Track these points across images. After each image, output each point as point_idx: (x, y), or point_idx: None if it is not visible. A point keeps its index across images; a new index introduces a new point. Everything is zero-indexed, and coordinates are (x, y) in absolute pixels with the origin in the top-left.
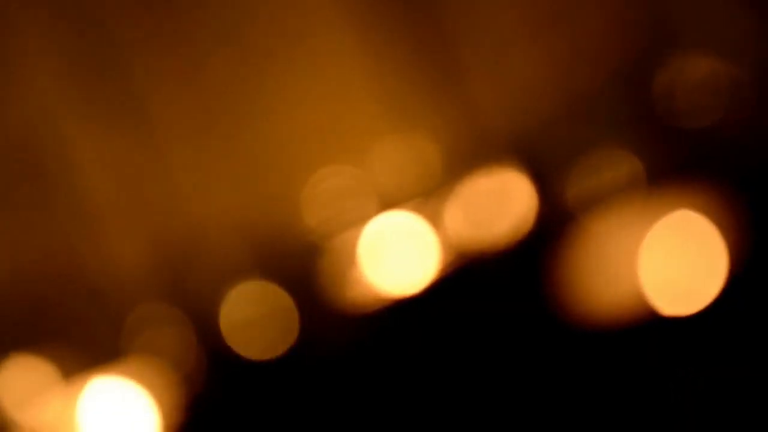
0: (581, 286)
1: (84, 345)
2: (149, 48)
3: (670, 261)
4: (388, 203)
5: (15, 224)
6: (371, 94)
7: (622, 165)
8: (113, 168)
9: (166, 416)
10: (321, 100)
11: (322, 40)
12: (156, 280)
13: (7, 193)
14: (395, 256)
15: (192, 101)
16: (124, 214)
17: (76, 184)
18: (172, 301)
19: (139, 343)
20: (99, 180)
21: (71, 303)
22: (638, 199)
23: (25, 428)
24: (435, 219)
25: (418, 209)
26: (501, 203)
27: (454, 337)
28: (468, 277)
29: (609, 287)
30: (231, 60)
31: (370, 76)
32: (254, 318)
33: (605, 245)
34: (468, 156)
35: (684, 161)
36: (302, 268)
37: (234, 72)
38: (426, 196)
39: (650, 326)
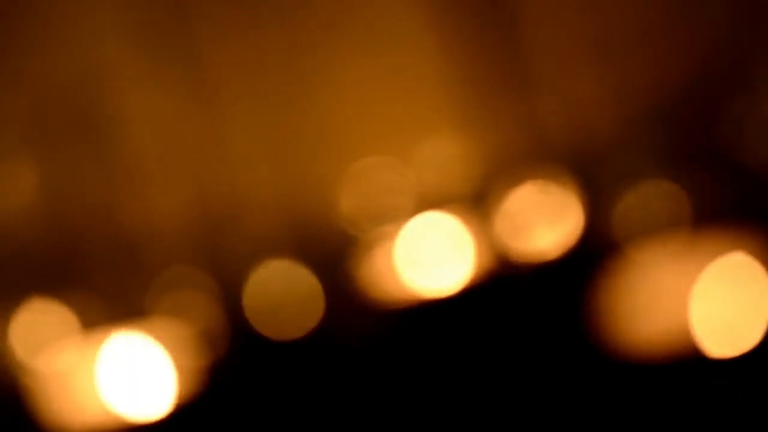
0: (619, 314)
1: (111, 297)
2: (214, 15)
3: (720, 302)
4: (429, 202)
5: (61, 169)
6: (431, 89)
7: (673, 197)
8: (164, 127)
9: (184, 379)
10: (379, 88)
11: (391, 28)
12: (190, 244)
13: (59, 139)
14: (430, 256)
15: (250, 73)
16: (168, 175)
17: (125, 139)
18: (203, 267)
19: (165, 303)
20: (148, 137)
21: (104, 254)
22: (687, 234)
23: (40, 373)
24: (476, 224)
25: (460, 212)
26: (547, 217)
27: (477, 345)
28: (502, 287)
29: (652, 321)
30: (294, 35)
31: (433, 71)
32: (280, 297)
33: (651, 278)
34: (518, 165)
35: (737, 200)
36: (335, 255)
37: (296, 48)
38: (470, 199)
39: (692, 364)
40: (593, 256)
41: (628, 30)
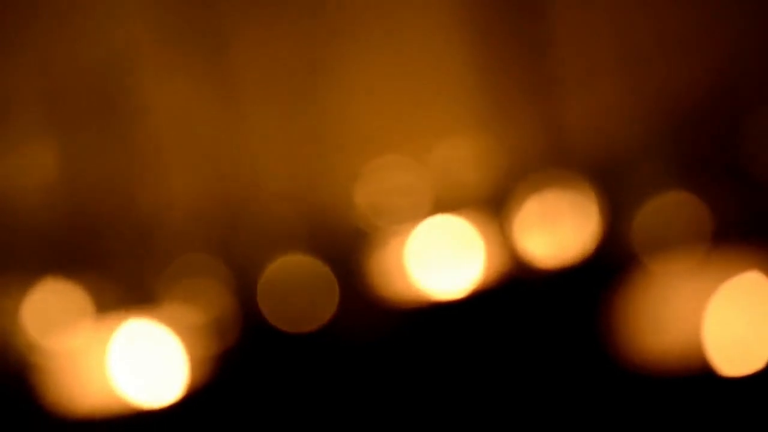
0: (632, 324)
1: (125, 281)
2: (240, 7)
3: (733, 320)
4: (445, 204)
5: (82, 152)
6: (453, 90)
7: (692, 210)
8: (185, 115)
9: (193, 367)
10: (401, 87)
11: (416, 28)
12: (206, 232)
13: (82, 122)
14: (441, 258)
15: (273, 67)
16: (187, 163)
17: (146, 125)
18: (218, 255)
19: (178, 290)
20: (169, 124)
21: (120, 238)
22: (705, 248)
23: (51, 352)
24: (491, 228)
25: (475, 215)
26: (564, 224)
27: (485, 349)
28: (513, 293)
29: (665, 333)
30: (318, 31)
31: (456, 73)
32: (294, 289)
33: (666, 291)
34: (537, 170)
35: (756, 215)
36: (348, 251)
37: (319, 44)
38: (486, 203)
39: (702, 380)
40: (609, 265)
41: (653, 41)
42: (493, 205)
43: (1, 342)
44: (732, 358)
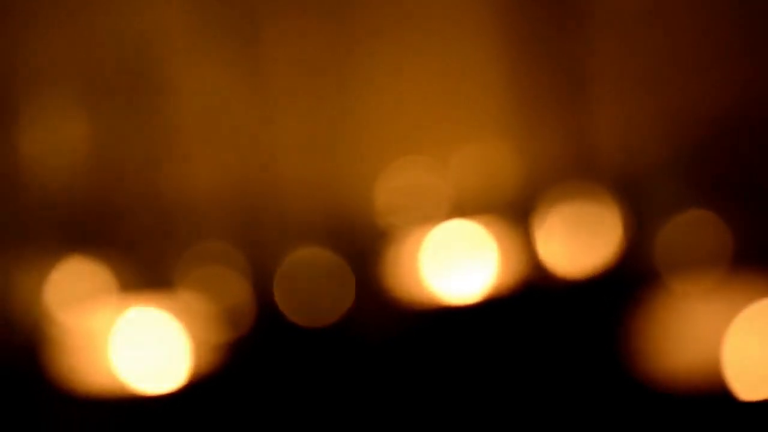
0: (649, 341)
1: (141, 264)
2: None
3: (753, 345)
4: (465, 208)
5: (109, 131)
6: (482, 94)
7: (716, 231)
8: (214, 102)
9: (203, 354)
10: (429, 88)
11: (448, 30)
12: (226, 220)
13: (111, 101)
14: (457, 262)
15: (303, 60)
16: (212, 149)
17: (175, 109)
18: (236, 244)
19: (195, 276)
20: (198, 110)
21: (140, 220)
22: (727, 269)
23: (64, 328)
24: (511, 235)
25: (495, 221)
26: (585, 236)
27: (494, 357)
28: (529, 302)
29: (682, 353)
30: (351, 29)
31: (486, 76)
32: (310, 283)
33: (686, 310)
34: (562, 180)
35: None
36: (366, 249)
37: (351, 41)
38: (508, 210)
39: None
40: (629, 280)
41: (687, 60)
42: (514, 213)
43: (18, 314)
44: (750, 381)
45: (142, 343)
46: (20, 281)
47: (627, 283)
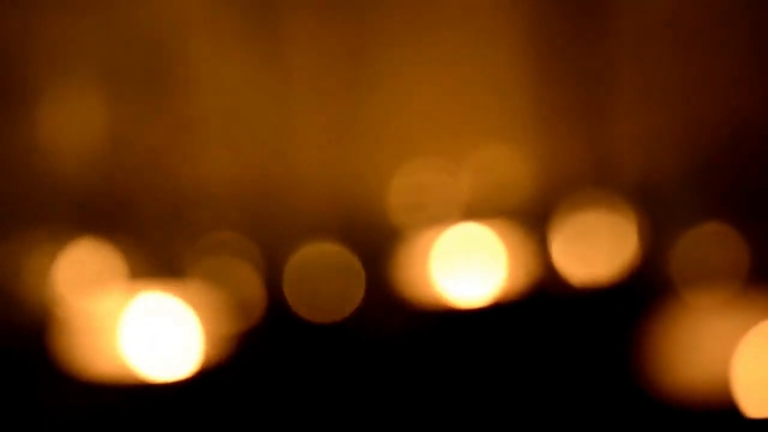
0: (658, 353)
1: (154, 251)
2: None
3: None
4: (479, 211)
5: (127, 118)
6: (502, 98)
7: (733, 245)
8: (233, 93)
9: (210, 344)
10: (450, 89)
11: (472, 32)
12: (240, 211)
13: (130, 88)
14: (468, 265)
15: (324, 56)
16: (229, 140)
17: (194, 98)
18: (249, 236)
19: (206, 265)
20: (216, 100)
21: (154, 207)
22: (742, 284)
23: (72, 311)
24: (523, 241)
25: (508, 226)
26: (600, 245)
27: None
28: (537, 308)
29: (692, 367)
30: (375, 27)
31: (508, 81)
32: (320, 278)
33: (698, 324)
34: (579, 188)
35: None
36: (377, 248)
37: (374, 39)
38: (522, 215)
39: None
40: (642, 290)
41: (706, 73)
42: (529, 218)
43: (28, 296)
44: (758, 398)
45: (150, 330)
46: (31, 263)
47: (640, 294)
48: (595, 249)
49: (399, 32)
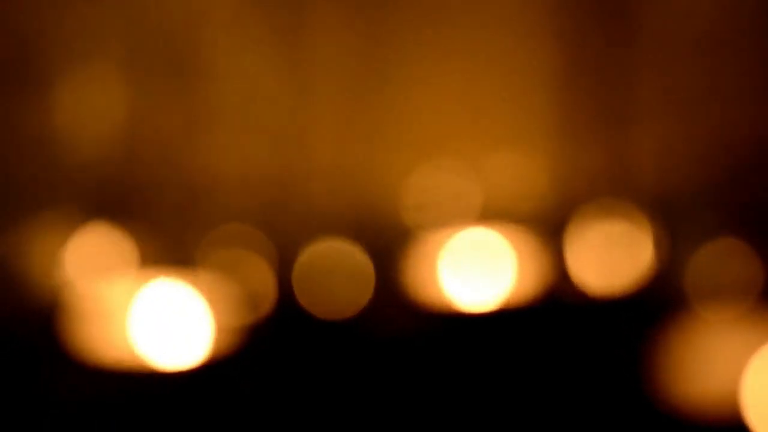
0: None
1: (167, 240)
2: None
3: None
4: (492, 216)
5: (146, 105)
6: (523, 104)
7: (749, 261)
8: (252, 87)
9: (219, 336)
10: (470, 92)
11: (494, 35)
12: (253, 203)
13: (151, 76)
14: (478, 269)
15: (345, 54)
16: (246, 132)
17: (212, 88)
18: (262, 229)
19: (219, 256)
20: (235, 91)
21: (169, 195)
22: (755, 301)
23: (83, 296)
24: (537, 247)
25: (520, 232)
26: (614, 256)
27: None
28: (545, 315)
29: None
30: (395, 25)
31: (530, 87)
32: (330, 275)
33: (710, 339)
34: (595, 197)
35: None
36: (389, 248)
37: (394, 38)
38: (535, 222)
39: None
40: (655, 303)
41: (728, 89)
42: (545, 225)
43: (38, 279)
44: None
45: (159, 318)
46: (44, 246)
47: (653, 306)
48: (610, 259)
49: (423, 32)
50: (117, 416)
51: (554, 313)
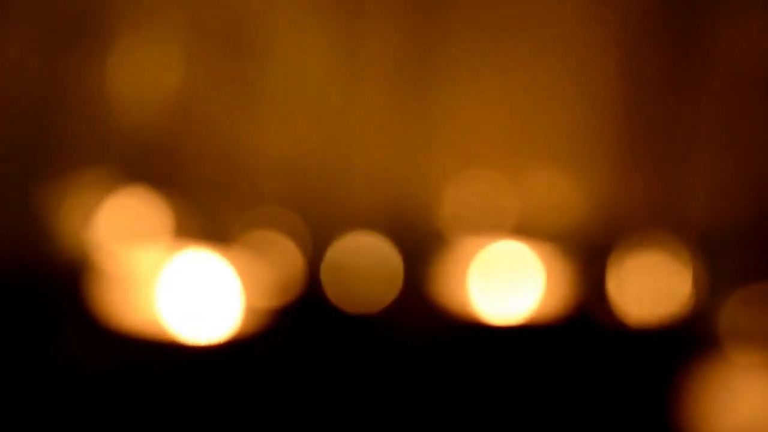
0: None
1: (203, 214)
2: None
3: None
4: (527, 231)
5: (198, 81)
6: (571, 122)
7: None
8: (303, 74)
9: (246, 315)
10: (518, 105)
11: (553, 49)
12: (292, 188)
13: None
14: (507, 283)
15: (399, 53)
16: (292, 116)
17: (266, 71)
18: (299, 215)
19: (254, 236)
20: (285, 75)
21: (210, 171)
22: None
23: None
24: (566, 267)
25: (553, 250)
26: (652, 286)
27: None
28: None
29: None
30: (451, 32)
31: (579, 107)
32: (359, 268)
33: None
34: (634, 226)
35: None
36: (421, 251)
37: (449, 44)
38: (570, 241)
39: None
40: (686, 339)
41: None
42: (583, 247)
43: (69, 235)
44: None
45: (188, 290)
46: (80, 203)
47: (683, 342)
48: (647, 290)
49: (480, 42)
50: (133, 383)
51: (578, 335)
